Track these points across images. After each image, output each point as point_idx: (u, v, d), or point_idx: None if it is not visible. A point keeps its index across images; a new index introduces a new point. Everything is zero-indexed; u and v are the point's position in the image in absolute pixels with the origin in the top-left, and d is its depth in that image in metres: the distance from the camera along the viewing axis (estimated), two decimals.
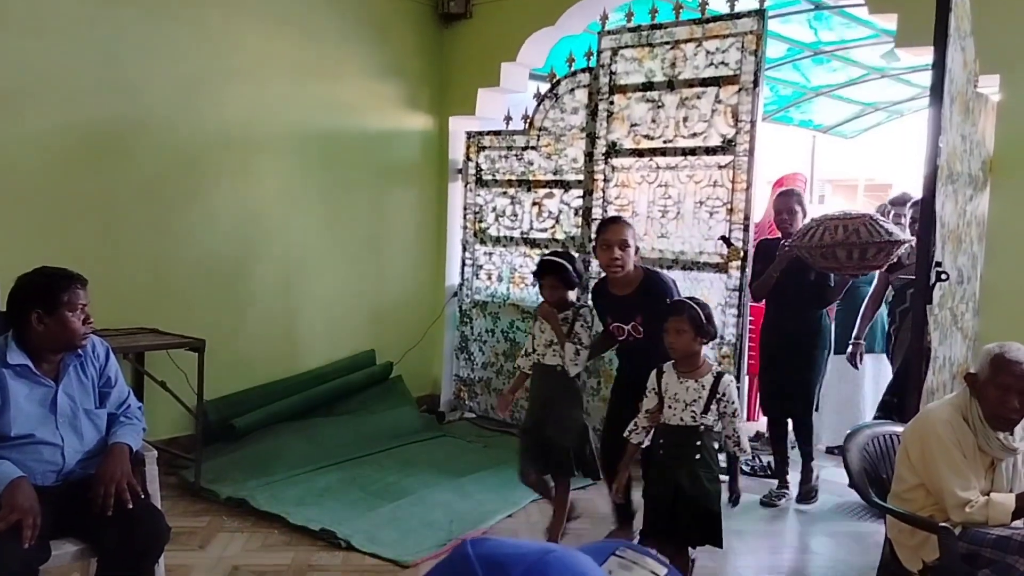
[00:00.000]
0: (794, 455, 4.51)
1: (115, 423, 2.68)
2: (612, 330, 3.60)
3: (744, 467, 4.79)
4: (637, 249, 3.56)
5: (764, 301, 4.58)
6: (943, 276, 3.02)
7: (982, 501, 2.48)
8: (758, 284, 4.39)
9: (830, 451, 5.15)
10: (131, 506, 2.48)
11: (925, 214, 3.01)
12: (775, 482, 4.47)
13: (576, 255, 4.36)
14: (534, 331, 3.65)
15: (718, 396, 2.92)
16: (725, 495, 3.00)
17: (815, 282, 4.18)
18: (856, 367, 4.82)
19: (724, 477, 3.04)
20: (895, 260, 3.88)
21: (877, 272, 4.51)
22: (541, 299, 3.62)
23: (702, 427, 2.92)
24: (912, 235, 4.03)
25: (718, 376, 2.95)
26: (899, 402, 3.94)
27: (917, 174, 3.38)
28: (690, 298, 3.06)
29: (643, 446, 3.15)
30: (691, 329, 2.92)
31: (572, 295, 3.66)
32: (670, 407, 2.97)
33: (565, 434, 3.52)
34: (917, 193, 4.38)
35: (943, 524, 2.43)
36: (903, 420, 2.91)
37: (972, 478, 2.50)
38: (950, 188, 3.20)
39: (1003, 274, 3.82)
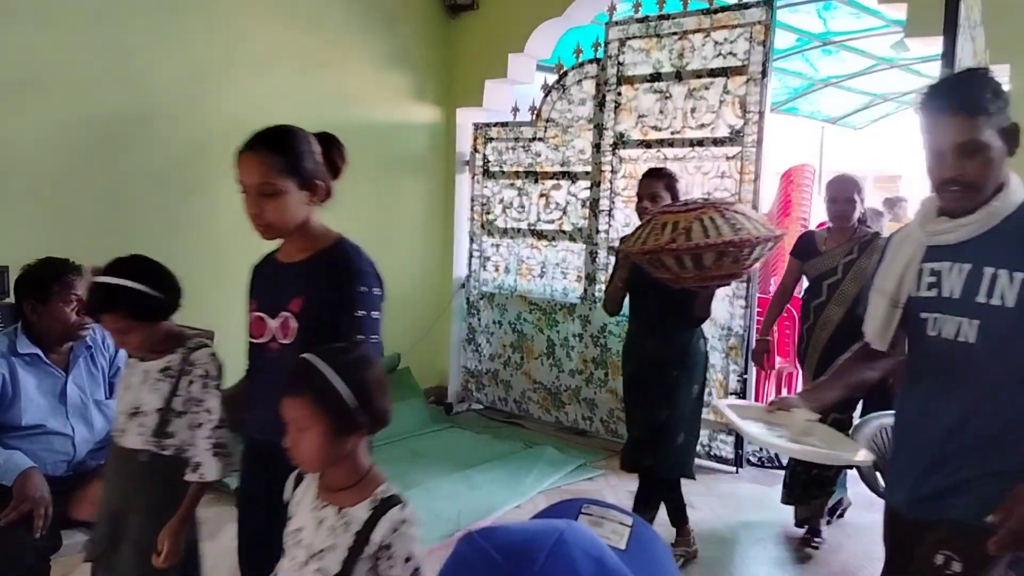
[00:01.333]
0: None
1: None
2: None
3: (752, 458, 4.81)
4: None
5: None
6: None
7: None
8: (607, 293, 3.53)
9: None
10: None
11: None
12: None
13: None
14: None
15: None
16: None
17: (678, 293, 3.09)
18: (762, 367, 4.35)
19: None
20: (751, 264, 2.78)
21: (790, 259, 3.92)
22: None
23: None
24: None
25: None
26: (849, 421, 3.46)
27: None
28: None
29: None
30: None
31: None
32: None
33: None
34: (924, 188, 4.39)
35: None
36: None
37: None
38: None
39: None
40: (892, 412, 1.98)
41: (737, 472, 4.69)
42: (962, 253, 1.73)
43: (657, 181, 3.34)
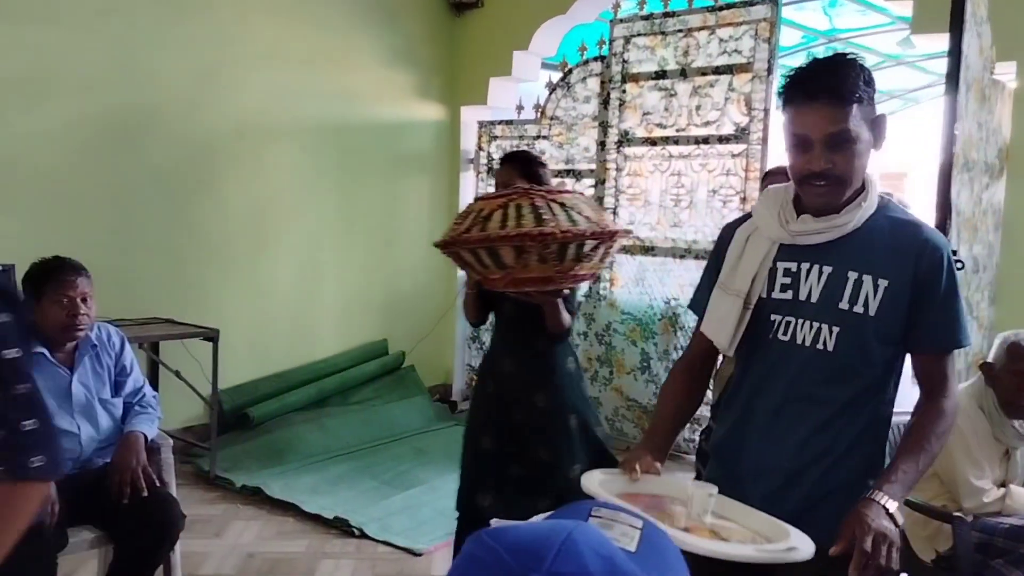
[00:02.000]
0: None
1: (130, 412, 2.71)
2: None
3: None
4: None
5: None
6: (959, 265, 3.00)
7: (999, 493, 2.48)
8: (464, 303, 2.91)
9: None
10: (146, 494, 2.50)
11: (941, 202, 2.99)
12: None
13: None
14: None
15: None
16: None
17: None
18: None
19: None
20: (569, 267, 2.14)
21: None
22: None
23: None
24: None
25: None
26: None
27: (933, 162, 3.36)
28: None
29: None
30: None
31: None
32: None
33: None
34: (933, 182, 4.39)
35: (957, 513, 2.42)
36: None
37: (987, 467, 2.49)
38: (966, 176, 3.18)
39: (1019, 263, 3.79)
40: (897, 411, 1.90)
41: None
42: (825, 255, 1.61)
43: (512, 167, 2.80)
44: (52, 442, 1.24)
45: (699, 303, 1.80)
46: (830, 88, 1.51)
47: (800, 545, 1.38)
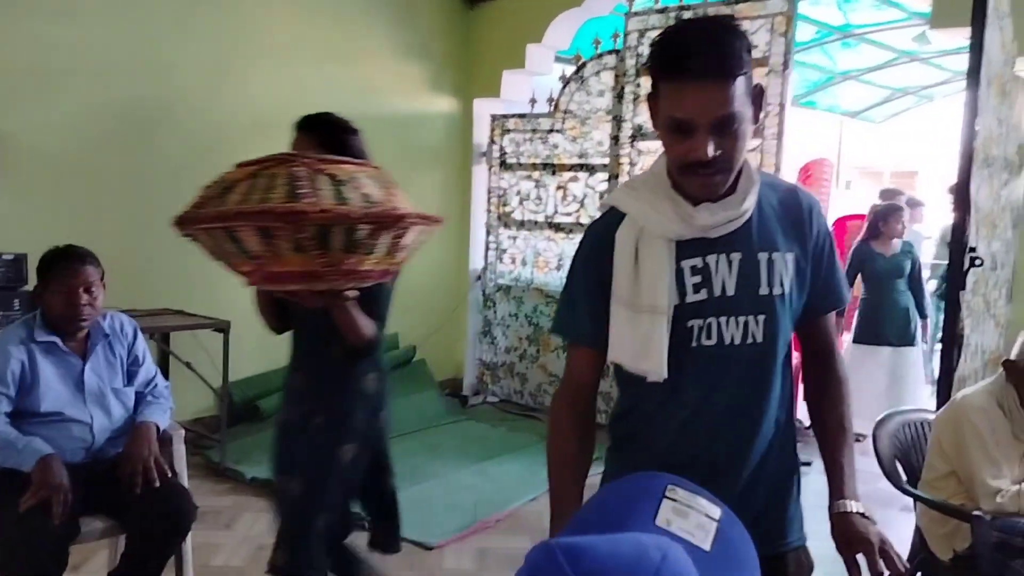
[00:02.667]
0: None
1: (142, 402, 2.70)
2: None
3: None
4: None
5: None
6: (977, 262, 2.97)
7: (1014, 490, 2.44)
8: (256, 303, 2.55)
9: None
10: (158, 485, 2.49)
11: (960, 198, 2.95)
12: None
13: None
14: None
15: None
16: None
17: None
18: None
19: None
20: (336, 260, 1.67)
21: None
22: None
23: None
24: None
25: None
26: None
27: (951, 158, 3.32)
28: None
29: None
30: None
31: None
32: None
33: None
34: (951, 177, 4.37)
35: (976, 512, 2.39)
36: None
37: (1004, 466, 2.46)
38: (985, 172, 3.14)
39: None
40: (914, 408, 1.85)
41: None
42: (728, 242, 1.41)
43: (308, 136, 2.33)
44: None
45: (573, 326, 1.52)
46: (717, 64, 1.26)
47: None
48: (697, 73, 1.26)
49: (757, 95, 1.35)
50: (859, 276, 4.96)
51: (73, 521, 2.40)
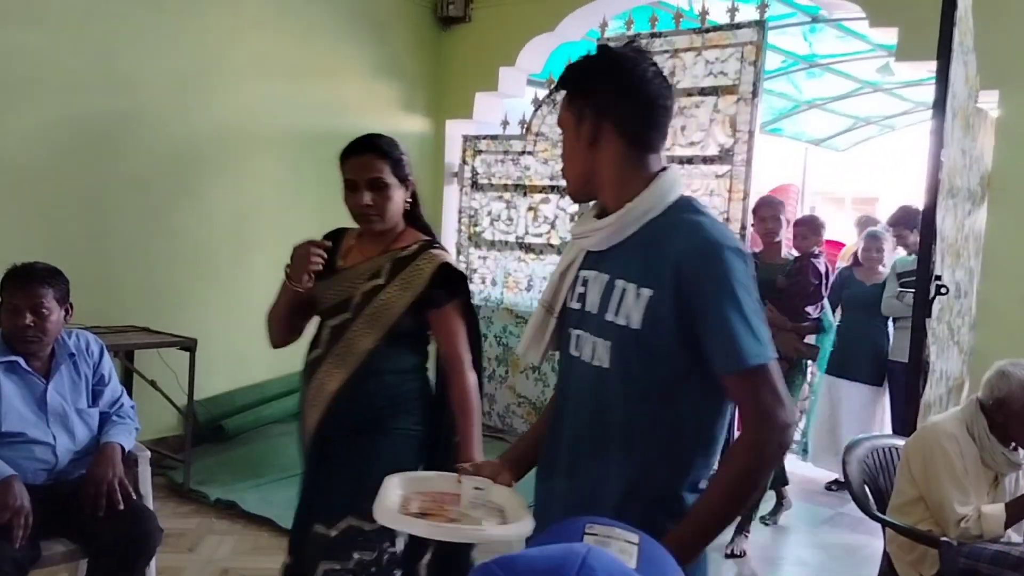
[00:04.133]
0: None
1: (107, 422, 2.64)
2: None
3: None
4: None
5: None
6: (943, 290, 3.03)
7: (974, 516, 2.48)
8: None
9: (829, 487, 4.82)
10: (122, 507, 2.44)
11: (926, 227, 3.01)
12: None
13: None
14: None
15: None
16: None
17: None
18: None
19: None
20: None
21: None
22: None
23: None
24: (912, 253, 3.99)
25: None
26: None
27: (914, 187, 3.39)
28: None
29: None
30: None
31: None
32: None
33: None
34: (914, 206, 4.43)
35: (944, 538, 2.42)
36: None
37: (972, 493, 2.50)
38: (950, 202, 3.21)
39: (999, 289, 3.84)
40: (882, 434, 1.84)
41: None
42: (605, 261, 1.44)
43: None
44: None
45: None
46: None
47: (510, 532, 1.41)
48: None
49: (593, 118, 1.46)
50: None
51: (34, 544, 2.34)
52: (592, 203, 1.53)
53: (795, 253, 4.12)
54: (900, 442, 2.82)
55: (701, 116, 4.70)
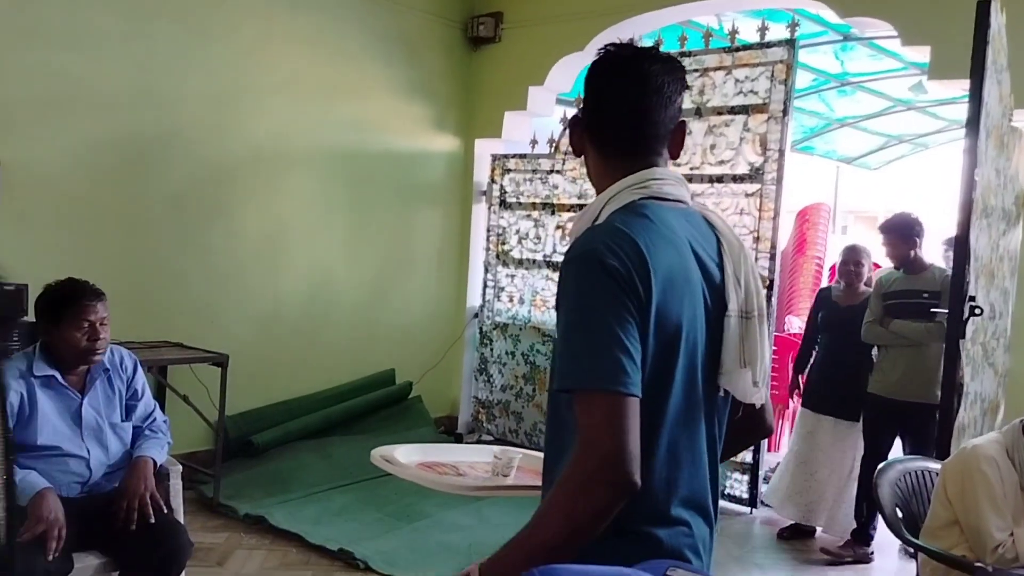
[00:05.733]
0: None
1: (140, 436, 2.68)
2: None
3: (764, 499, 4.74)
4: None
5: None
6: (977, 311, 2.99)
7: (1009, 541, 2.43)
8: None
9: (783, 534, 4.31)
10: (154, 521, 2.47)
11: (959, 248, 2.98)
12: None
13: None
14: None
15: None
16: None
17: None
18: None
19: None
20: None
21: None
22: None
23: None
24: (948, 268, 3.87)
25: None
26: None
27: (948, 207, 3.35)
28: None
29: None
30: None
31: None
32: None
33: None
34: (949, 225, 4.28)
35: (978, 564, 2.38)
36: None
37: (1010, 518, 2.45)
38: (984, 222, 3.17)
39: None
40: (914, 457, 1.81)
41: (751, 512, 4.63)
42: None
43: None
44: None
45: None
46: None
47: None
48: None
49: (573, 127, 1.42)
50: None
51: (67, 557, 2.37)
52: None
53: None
54: (934, 465, 2.78)
55: (731, 135, 4.68)
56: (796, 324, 6.68)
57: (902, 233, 4.02)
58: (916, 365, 3.89)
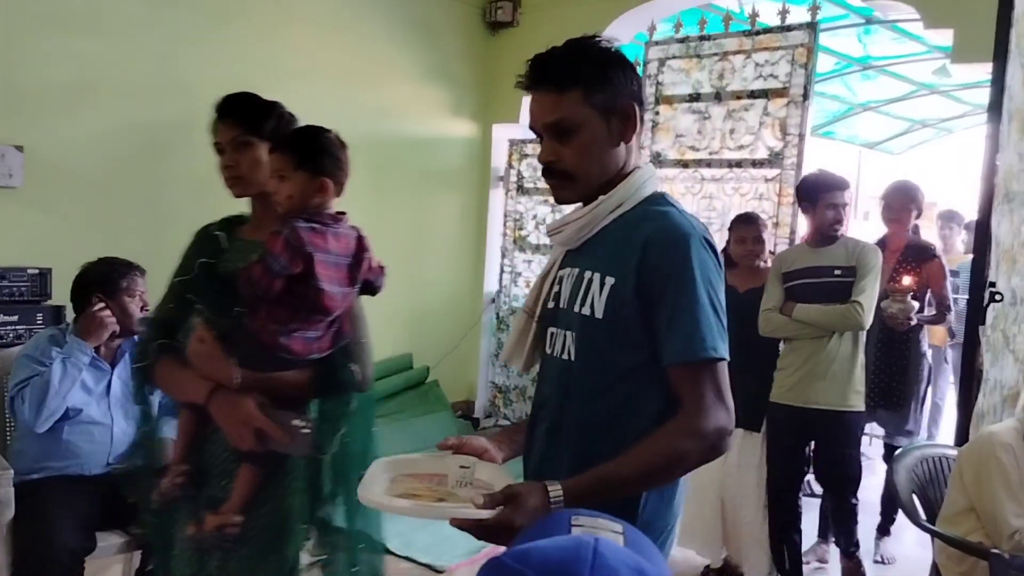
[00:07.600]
0: None
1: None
2: None
3: None
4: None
5: None
6: (997, 297, 2.96)
7: None
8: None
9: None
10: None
11: (981, 233, 2.95)
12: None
13: None
14: None
15: None
16: None
17: None
18: None
19: None
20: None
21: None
22: None
23: None
24: (966, 252, 3.80)
25: None
26: None
27: (971, 192, 3.31)
28: None
29: None
30: None
31: None
32: None
33: None
34: (971, 211, 4.22)
35: (995, 550, 2.37)
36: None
37: None
38: (1006, 207, 3.14)
39: None
40: (932, 443, 1.79)
41: None
42: (578, 256, 1.46)
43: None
44: None
45: None
46: (547, 74, 1.44)
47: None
48: (533, 82, 1.45)
49: (620, 110, 1.42)
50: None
51: (89, 535, 2.41)
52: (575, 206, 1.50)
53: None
54: (951, 451, 2.77)
55: (750, 119, 4.65)
56: None
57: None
58: (825, 362, 3.15)
